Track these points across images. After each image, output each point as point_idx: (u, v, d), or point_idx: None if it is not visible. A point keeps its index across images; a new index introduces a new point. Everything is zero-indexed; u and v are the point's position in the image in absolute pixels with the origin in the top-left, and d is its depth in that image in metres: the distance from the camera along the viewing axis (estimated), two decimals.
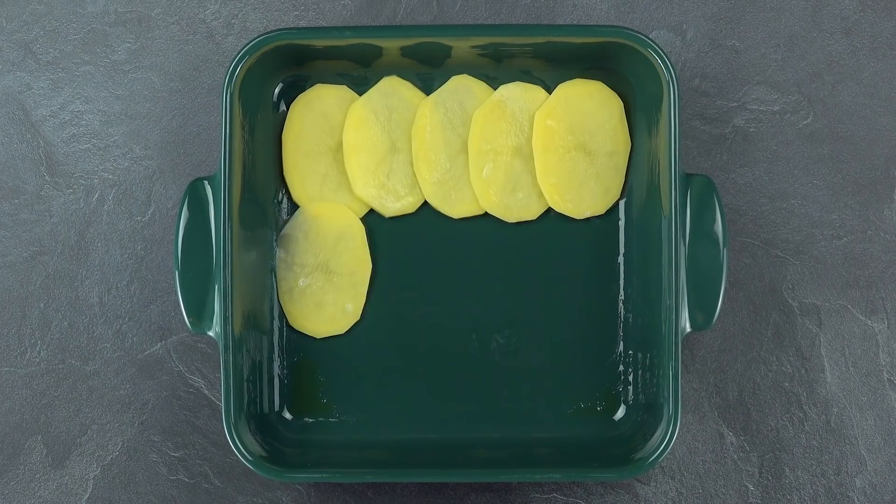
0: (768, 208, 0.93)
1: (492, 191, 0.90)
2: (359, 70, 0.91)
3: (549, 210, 0.91)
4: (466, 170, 0.91)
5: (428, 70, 0.91)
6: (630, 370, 0.90)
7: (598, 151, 0.90)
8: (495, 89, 0.91)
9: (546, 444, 0.89)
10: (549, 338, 0.91)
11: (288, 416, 0.91)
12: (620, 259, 0.91)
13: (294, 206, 0.92)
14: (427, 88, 0.91)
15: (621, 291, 0.91)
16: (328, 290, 0.91)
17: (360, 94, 0.92)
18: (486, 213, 0.91)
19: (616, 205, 0.91)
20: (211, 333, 0.86)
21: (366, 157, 0.91)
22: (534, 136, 0.90)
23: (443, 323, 0.91)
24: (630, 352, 0.91)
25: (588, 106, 0.90)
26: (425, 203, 0.92)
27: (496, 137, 0.90)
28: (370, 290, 0.91)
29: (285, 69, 0.91)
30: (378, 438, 0.90)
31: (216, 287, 0.86)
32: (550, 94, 0.91)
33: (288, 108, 0.92)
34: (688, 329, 0.86)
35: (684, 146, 0.93)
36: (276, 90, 0.92)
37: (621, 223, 0.91)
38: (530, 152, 0.90)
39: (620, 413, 0.90)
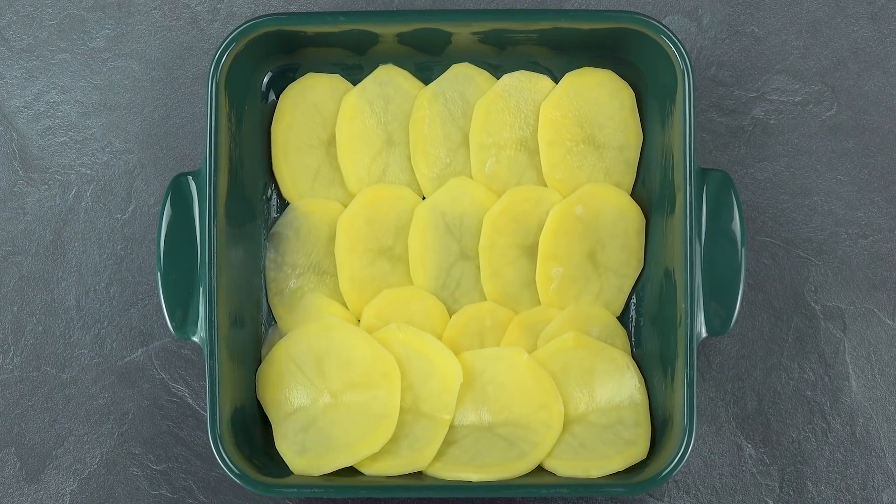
0: (789, 205, 0.93)
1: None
2: (353, 58, 0.91)
3: None
4: (467, 164, 0.90)
5: (427, 58, 0.90)
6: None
7: (608, 145, 0.90)
8: (498, 79, 0.90)
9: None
10: None
11: None
12: None
13: (284, 203, 0.92)
14: (426, 78, 0.90)
15: (632, 294, 0.91)
16: (320, 292, 0.90)
17: (355, 83, 0.91)
18: None
19: None
20: (195, 339, 0.86)
21: (360, 151, 0.90)
22: (539, 128, 0.89)
23: None
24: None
25: (597, 96, 0.90)
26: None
27: (499, 130, 0.89)
28: None
29: (275, 57, 0.90)
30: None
31: (201, 289, 0.85)
32: (557, 83, 0.90)
33: (277, 99, 0.91)
34: (704, 334, 0.86)
35: (700, 139, 0.93)
36: (265, 80, 0.91)
37: None
38: (536, 146, 0.89)
39: None
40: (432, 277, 0.89)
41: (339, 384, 0.87)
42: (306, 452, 0.87)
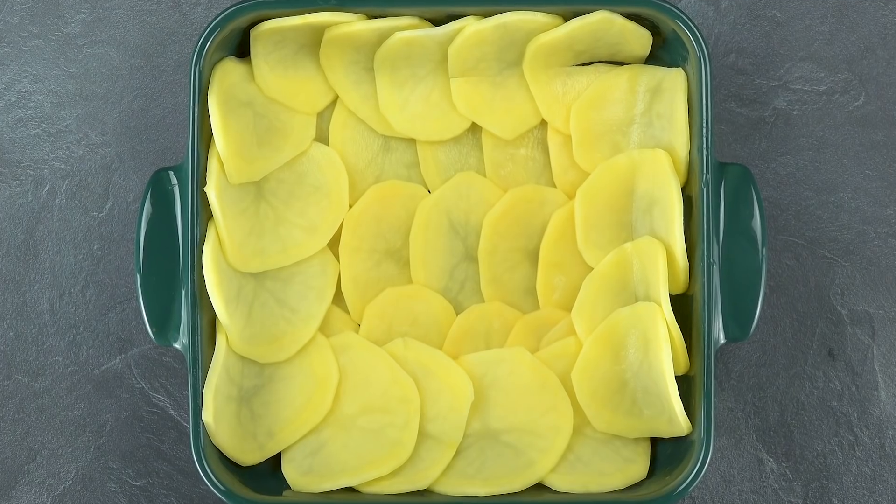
0: (814, 202, 0.93)
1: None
2: None
3: None
4: (481, 161, 0.89)
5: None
6: None
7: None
8: None
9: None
10: None
11: None
12: None
13: None
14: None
15: None
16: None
17: None
18: None
19: None
20: (177, 345, 0.85)
21: (356, 155, 0.89)
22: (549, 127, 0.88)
23: None
24: None
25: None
26: None
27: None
28: None
29: None
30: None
31: (183, 292, 0.85)
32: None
33: None
34: (722, 340, 0.85)
35: (718, 131, 0.93)
36: None
37: None
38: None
39: None
40: (434, 279, 0.88)
41: (355, 407, 0.86)
42: (310, 473, 0.86)
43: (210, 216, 0.85)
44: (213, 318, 0.86)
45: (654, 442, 0.87)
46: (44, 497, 0.92)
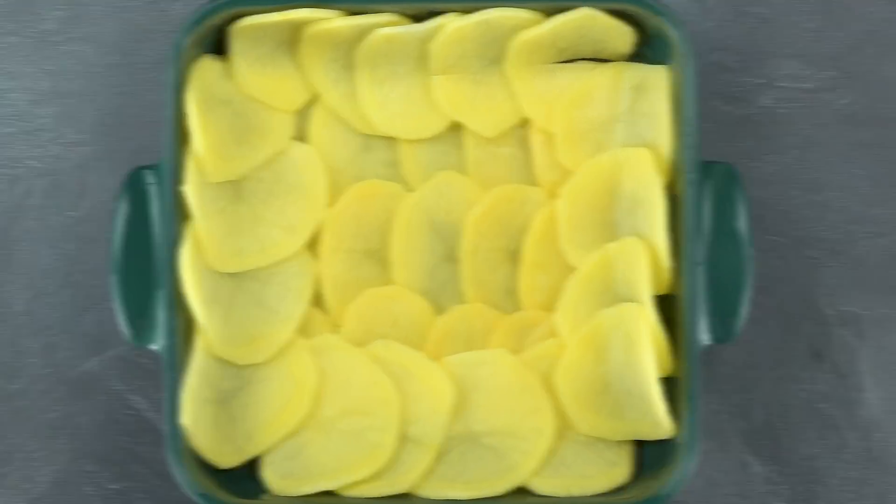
0: (800, 202, 0.93)
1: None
2: None
3: None
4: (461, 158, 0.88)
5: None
6: None
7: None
8: None
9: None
10: None
11: None
12: None
13: None
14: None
15: None
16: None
17: None
18: None
19: None
20: (155, 347, 0.85)
21: (334, 156, 0.89)
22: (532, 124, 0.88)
23: None
24: None
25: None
26: None
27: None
28: None
29: None
30: None
31: (160, 293, 0.85)
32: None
33: None
34: (707, 341, 0.85)
35: (703, 130, 0.90)
36: None
37: None
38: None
39: None
40: (415, 280, 0.88)
41: (334, 410, 0.86)
42: (289, 476, 0.86)
43: (187, 215, 0.85)
44: (191, 320, 0.85)
45: (640, 445, 0.87)
46: (19, 500, 0.91)
